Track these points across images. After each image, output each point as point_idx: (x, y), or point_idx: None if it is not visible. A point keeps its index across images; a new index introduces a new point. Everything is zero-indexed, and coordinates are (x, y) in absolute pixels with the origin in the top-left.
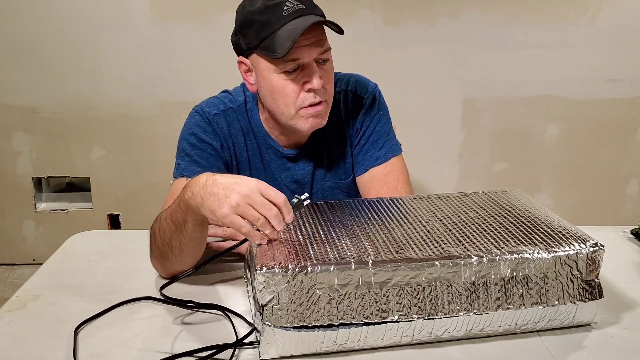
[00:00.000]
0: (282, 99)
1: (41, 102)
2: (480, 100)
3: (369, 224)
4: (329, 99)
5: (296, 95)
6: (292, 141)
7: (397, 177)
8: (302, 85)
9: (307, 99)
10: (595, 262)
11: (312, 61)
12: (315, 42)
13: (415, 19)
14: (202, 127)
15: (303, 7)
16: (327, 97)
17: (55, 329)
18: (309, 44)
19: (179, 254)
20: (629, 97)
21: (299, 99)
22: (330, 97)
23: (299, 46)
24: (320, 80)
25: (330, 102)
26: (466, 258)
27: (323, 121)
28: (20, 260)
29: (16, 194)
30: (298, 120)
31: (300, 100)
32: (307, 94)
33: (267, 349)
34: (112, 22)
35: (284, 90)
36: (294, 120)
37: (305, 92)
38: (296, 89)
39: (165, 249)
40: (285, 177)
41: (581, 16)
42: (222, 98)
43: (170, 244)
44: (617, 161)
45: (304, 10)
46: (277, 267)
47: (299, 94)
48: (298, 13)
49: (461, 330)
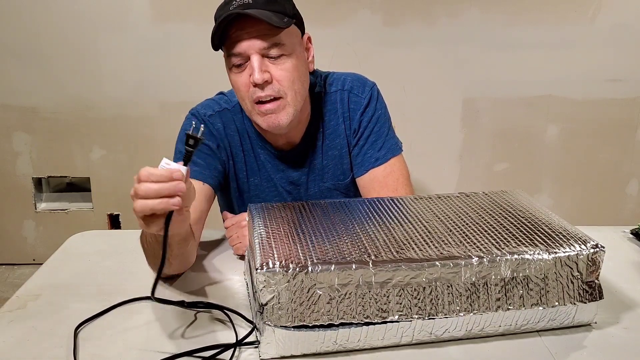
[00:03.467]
0: (238, 94)
1: (41, 102)
2: (480, 100)
3: (369, 224)
4: (287, 96)
5: (246, 90)
6: (284, 141)
7: (398, 178)
8: (250, 79)
9: (254, 93)
10: (596, 264)
11: (255, 54)
12: (256, 35)
13: (415, 19)
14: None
15: (250, 2)
16: (282, 93)
17: (55, 329)
18: (249, 38)
19: (169, 265)
20: (629, 97)
21: (249, 93)
22: (288, 94)
23: (239, 40)
24: (261, 74)
25: (290, 99)
26: (467, 258)
27: (280, 119)
28: (20, 260)
29: (16, 194)
30: (256, 116)
31: (250, 94)
32: (254, 88)
33: (267, 348)
34: (112, 22)
35: (236, 84)
36: (254, 116)
37: (253, 86)
38: (245, 82)
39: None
40: (280, 178)
41: (581, 16)
42: (218, 100)
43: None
44: (617, 161)
45: (250, 4)
46: (278, 267)
47: (248, 88)
48: (242, 7)
49: (461, 330)
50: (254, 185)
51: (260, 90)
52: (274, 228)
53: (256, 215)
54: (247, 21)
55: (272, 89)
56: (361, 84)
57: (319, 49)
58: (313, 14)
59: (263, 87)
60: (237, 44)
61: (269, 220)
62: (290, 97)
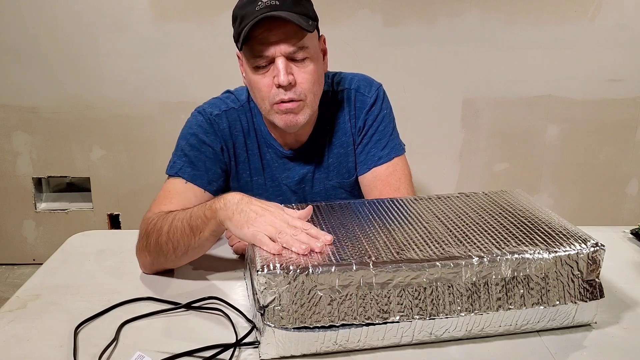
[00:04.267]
0: (258, 94)
1: (41, 102)
2: (480, 100)
3: (369, 225)
4: (307, 98)
5: (268, 91)
6: (292, 139)
7: (400, 178)
8: (274, 81)
9: (277, 95)
10: (596, 262)
11: (280, 57)
12: (283, 38)
13: (415, 19)
14: (204, 128)
15: (277, 4)
16: (303, 96)
17: (55, 329)
18: (277, 40)
19: (181, 255)
20: (629, 97)
21: (270, 95)
22: (308, 96)
23: (266, 42)
24: (287, 77)
25: (309, 101)
26: (467, 258)
27: (299, 119)
28: (20, 260)
29: (16, 194)
30: (274, 115)
31: (272, 95)
32: (278, 90)
33: (267, 349)
34: (112, 22)
35: (257, 85)
36: (271, 115)
37: (276, 87)
38: (268, 83)
39: (168, 247)
40: (286, 177)
41: (581, 16)
42: (224, 99)
43: (176, 243)
44: (617, 161)
45: (276, 6)
46: (279, 269)
47: (271, 89)
48: (269, 8)
49: (461, 330)
50: (257, 185)
51: (284, 93)
52: None
53: None
54: (275, 23)
55: (295, 92)
56: (368, 83)
57: None
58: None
59: (287, 89)
60: (264, 46)
61: None
62: (310, 99)
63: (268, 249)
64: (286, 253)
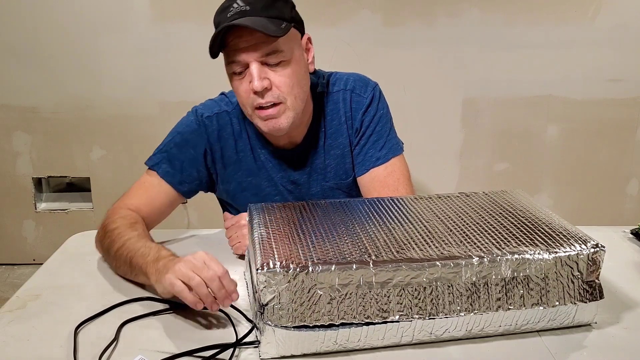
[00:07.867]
0: (239, 99)
1: (41, 102)
2: (480, 100)
3: (370, 224)
4: (287, 100)
5: (247, 96)
6: (285, 141)
7: (398, 178)
8: (249, 86)
9: (255, 100)
10: (596, 263)
11: (254, 62)
12: (254, 44)
13: (415, 19)
14: (192, 128)
15: (247, 9)
16: (282, 98)
17: (55, 329)
18: (247, 46)
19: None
20: (629, 97)
21: (249, 100)
22: (288, 99)
23: (237, 49)
24: (260, 82)
25: (290, 104)
26: (467, 258)
27: (281, 123)
28: (20, 260)
29: (16, 194)
30: (257, 121)
31: (250, 100)
32: (254, 95)
33: (267, 348)
34: (112, 22)
35: (237, 91)
36: (254, 120)
37: (253, 93)
38: (246, 89)
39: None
40: (282, 178)
41: (581, 16)
42: (218, 101)
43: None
44: (617, 161)
45: (247, 12)
46: (278, 267)
47: (249, 94)
48: (239, 15)
49: (461, 330)
50: (252, 185)
51: (260, 98)
52: (275, 228)
53: (256, 216)
54: (244, 30)
55: (272, 95)
56: (364, 84)
57: (319, 49)
58: (313, 14)
59: (263, 94)
60: (236, 52)
61: (269, 220)
62: (290, 101)
63: (183, 295)
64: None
